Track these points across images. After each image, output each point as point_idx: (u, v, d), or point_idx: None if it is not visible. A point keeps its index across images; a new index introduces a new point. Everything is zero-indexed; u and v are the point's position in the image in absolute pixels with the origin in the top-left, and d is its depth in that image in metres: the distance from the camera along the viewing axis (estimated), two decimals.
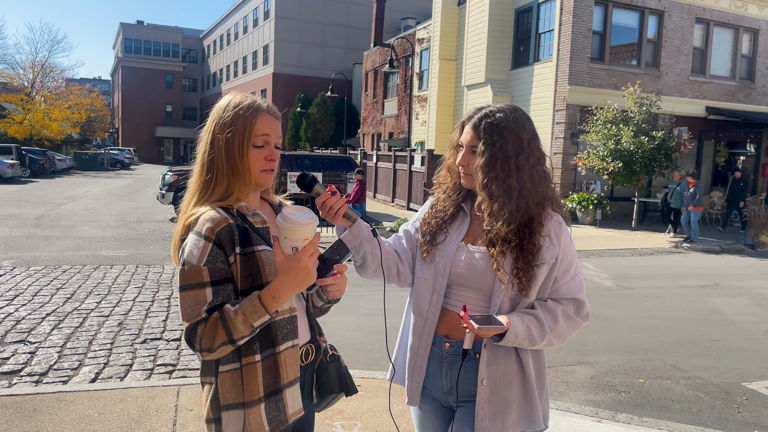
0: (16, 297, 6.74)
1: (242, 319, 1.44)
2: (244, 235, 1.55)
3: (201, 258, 1.49)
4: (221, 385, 1.55)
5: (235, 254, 1.53)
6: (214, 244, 1.50)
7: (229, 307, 1.47)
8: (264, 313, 1.45)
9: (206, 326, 1.46)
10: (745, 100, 19.31)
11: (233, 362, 1.55)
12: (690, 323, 6.79)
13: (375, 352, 5.35)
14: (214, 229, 1.50)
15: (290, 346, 1.61)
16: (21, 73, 42.12)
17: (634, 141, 13.73)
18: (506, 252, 1.76)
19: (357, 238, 1.82)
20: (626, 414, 4.18)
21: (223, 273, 1.51)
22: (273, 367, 1.57)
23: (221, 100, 1.66)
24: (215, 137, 1.61)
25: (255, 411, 1.53)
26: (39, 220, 13.42)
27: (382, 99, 31.39)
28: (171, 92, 65.77)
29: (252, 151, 1.60)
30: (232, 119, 1.59)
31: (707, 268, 10.71)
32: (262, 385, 1.54)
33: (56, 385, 4.28)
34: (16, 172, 27.09)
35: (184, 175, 14.59)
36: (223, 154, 1.59)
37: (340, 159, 16.71)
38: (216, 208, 1.56)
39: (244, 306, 1.45)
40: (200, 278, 1.49)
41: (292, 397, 1.61)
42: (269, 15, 45.80)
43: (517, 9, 19.03)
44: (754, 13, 19.05)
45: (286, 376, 1.59)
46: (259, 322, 1.46)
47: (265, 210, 1.76)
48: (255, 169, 1.61)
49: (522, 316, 1.72)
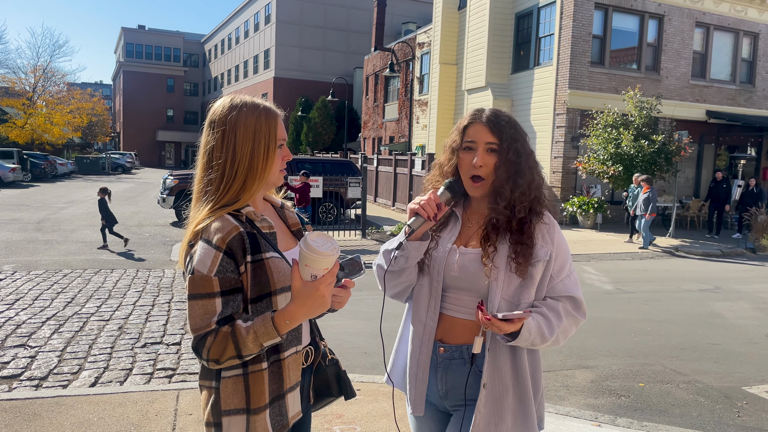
0: (17, 301, 6.74)
1: (253, 338, 1.44)
2: (254, 242, 1.54)
3: (212, 268, 1.48)
4: (223, 390, 1.54)
5: (246, 263, 1.52)
6: (224, 254, 1.49)
7: (240, 324, 1.46)
8: (275, 336, 1.44)
9: (216, 338, 1.45)
10: (746, 104, 19.33)
11: (237, 368, 1.54)
12: (690, 327, 6.78)
13: (375, 356, 5.35)
14: (225, 238, 1.49)
15: (294, 352, 1.62)
16: (23, 77, 42.29)
17: (634, 145, 13.73)
18: (499, 246, 1.77)
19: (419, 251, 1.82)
20: (626, 418, 4.18)
21: (234, 283, 1.50)
22: (277, 373, 1.57)
23: (223, 100, 1.64)
24: (236, 142, 1.58)
25: (261, 417, 1.53)
26: (40, 224, 13.44)
27: (383, 103, 31.44)
28: (172, 96, 65.88)
29: (277, 152, 1.63)
30: (255, 123, 1.59)
31: (708, 271, 10.70)
32: (268, 391, 1.55)
33: (56, 390, 4.28)
34: (17, 177, 27.12)
35: (186, 180, 14.61)
36: (247, 157, 1.58)
37: (341, 163, 16.73)
38: (226, 216, 1.54)
39: (257, 326, 1.44)
40: (210, 288, 1.47)
41: (293, 400, 1.62)
42: (270, 19, 45.93)
43: (518, 13, 19.07)
44: (753, 17, 19.07)
45: (289, 381, 1.60)
46: (269, 343, 1.46)
47: (268, 211, 1.76)
48: (275, 170, 1.64)
49: (531, 315, 1.72)
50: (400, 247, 1.78)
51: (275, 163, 1.63)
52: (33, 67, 42.61)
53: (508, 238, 1.77)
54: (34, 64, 43.67)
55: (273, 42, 45.28)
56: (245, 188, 1.59)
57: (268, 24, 46.35)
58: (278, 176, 1.67)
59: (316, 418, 3.69)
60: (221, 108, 1.62)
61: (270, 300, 1.56)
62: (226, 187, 1.58)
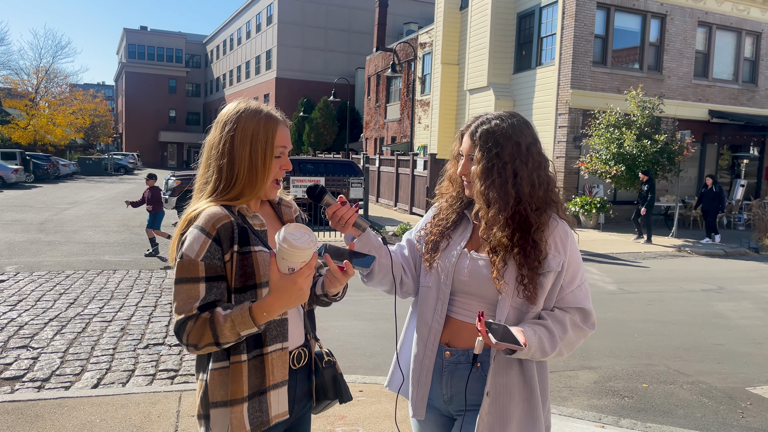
0: (20, 302, 6.75)
1: (230, 326, 1.46)
2: (243, 234, 1.57)
3: (199, 252, 1.52)
4: (211, 382, 1.58)
5: (232, 252, 1.55)
6: (213, 240, 1.53)
7: (220, 311, 1.49)
8: (252, 326, 1.46)
9: (195, 323, 1.48)
10: (748, 103, 19.28)
11: (223, 360, 1.57)
12: (694, 327, 6.76)
13: (377, 357, 5.33)
14: (215, 225, 1.53)
15: (279, 349, 1.61)
16: (25, 78, 42.40)
17: (636, 145, 13.70)
18: (508, 260, 1.73)
19: (365, 247, 1.81)
20: (630, 419, 4.16)
21: (218, 270, 1.54)
22: (260, 367, 1.58)
23: (231, 105, 1.69)
24: (234, 144, 1.62)
25: (237, 410, 1.55)
26: (42, 225, 13.45)
27: (385, 103, 31.43)
28: (174, 97, 65.94)
29: (274, 161, 1.64)
30: (254, 128, 1.62)
31: (711, 271, 10.67)
32: (247, 384, 1.56)
33: (58, 391, 4.28)
34: (20, 178, 27.16)
35: (188, 180, 14.62)
36: (245, 160, 1.61)
37: (343, 163, 16.73)
38: (219, 205, 1.59)
39: (234, 314, 1.46)
40: (196, 272, 1.51)
41: (278, 399, 1.61)
42: (272, 20, 45.96)
43: (519, 13, 19.05)
44: (756, 16, 19.03)
45: (273, 378, 1.59)
46: (246, 333, 1.47)
47: (265, 209, 1.78)
48: (271, 178, 1.65)
49: (534, 328, 1.69)
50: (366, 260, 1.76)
51: (272, 170, 1.64)
52: (35, 69, 42.76)
53: (514, 251, 1.73)
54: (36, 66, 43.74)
55: (275, 43, 45.29)
56: (241, 190, 1.63)
57: (270, 25, 46.38)
58: (271, 187, 1.67)
59: (318, 420, 3.68)
60: (227, 110, 1.68)
61: (255, 292, 1.59)
62: (222, 186, 1.63)
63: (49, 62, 45.01)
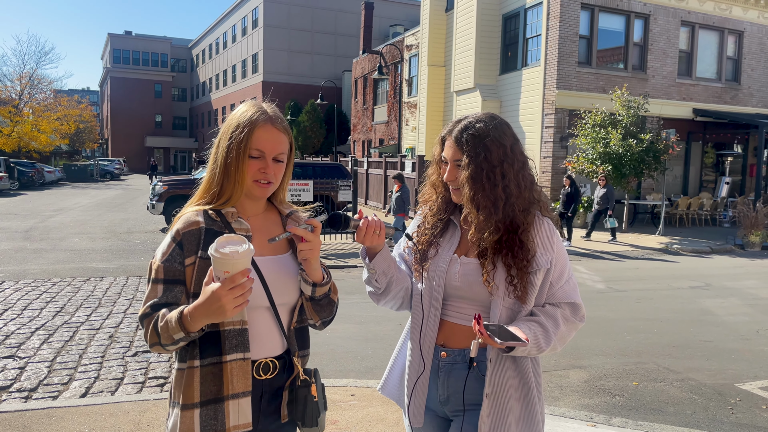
0: (5, 311, 6.66)
1: (165, 329, 1.48)
2: (212, 240, 1.52)
3: (163, 256, 1.57)
4: (173, 382, 1.62)
5: (196, 256, 1.56)
6: (176, 245, 1.57)
7: (164, 312, 1.51)
8: (180, 331, 1.46)
9: (150, 323, 1.53)
10: (732, 101, 19.49)
11: (182, 362, 1.59)
12: (682, 325, 6.81)
13: (368, 360, 5.32)
14: (181, 230, 1.58)
15: (239, 359, 1.57)
16: (8, 85, 41.87)
17: (622, 144, 13.81)
18: (497, 262, 1.74)
19: (386, 261, 1.80)
20: (621, 418, 4.18)
21: (177, 274, 1.56)
22: (217, 375, 1.56)
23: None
24: (218, 144, 1.68)
25: (188, 415, 1.55)
26: (28, 233, 13.30)
27: (372, 106, 31.44)
28: (160, 102, 65.56)
29: (247, 161, 1.62)
30: (233, 128, 1.64)
31: (698, 269, 10.76)
32: (199, 390, 1.55)
33: (46, 401, 4.22)
34: (4, 185, 26.87)
35: (175, 186, 14.53)
36: (221, 160, 1.64)
37: (331, 166, 16.70)
38: (199, 211, 1.62)
39: (170, 318, 1.48)
40: (158, 274, 1.56)
41: (237, 409, 1.56)
42: (258, 24, 45.84)
43: (505, 14, 19.14)
44: (738, 15, 19.25)
45: (232, 387, 1.56)
46: (177, 337, 1.48)
47: (271, 217, 1.76)
48: (248, 178, 1.63)
49: (528, 324, 1.70)
50: (368, 272, 1.83)
51: (246, 171, 1.62)
52: (19, 75, 42.17)
53: (503, 252, 1.75)
54: (20, 72, 43.09)
55: (261, 46, 45.18)
56: (224, 190, 1.65)
57: (256, 28, 46.25)
58: (252, 186, 1.64)
59: None
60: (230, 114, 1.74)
61: None
62: (210, 187, 1.67)
63: (33, 68, 44.77)
